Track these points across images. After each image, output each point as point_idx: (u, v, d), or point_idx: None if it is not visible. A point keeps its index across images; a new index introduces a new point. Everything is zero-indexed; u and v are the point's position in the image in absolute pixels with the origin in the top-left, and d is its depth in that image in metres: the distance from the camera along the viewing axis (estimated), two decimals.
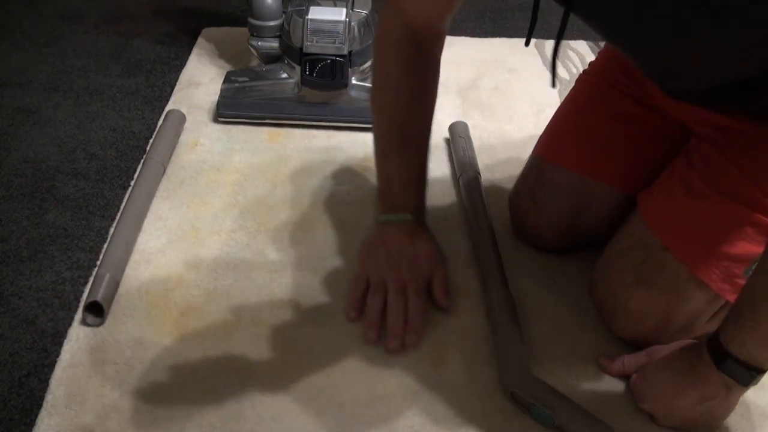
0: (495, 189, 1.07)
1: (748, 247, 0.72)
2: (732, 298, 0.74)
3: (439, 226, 0.97)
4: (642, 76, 0.84)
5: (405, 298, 0.83)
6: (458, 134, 1.15)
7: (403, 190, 0.87)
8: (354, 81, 1.19)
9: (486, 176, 1.08)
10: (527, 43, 0.80)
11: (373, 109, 0.90)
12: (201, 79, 1.32)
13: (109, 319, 0.85)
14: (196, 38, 1.46)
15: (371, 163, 1.12)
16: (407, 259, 0.85)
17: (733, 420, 0.76)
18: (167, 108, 1.23)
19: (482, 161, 1.12)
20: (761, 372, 0.67)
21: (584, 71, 0.97)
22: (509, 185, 1.05)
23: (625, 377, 0.80)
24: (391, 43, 0.86)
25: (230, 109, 1.19)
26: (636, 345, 0.81)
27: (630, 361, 0.80)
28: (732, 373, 0.68)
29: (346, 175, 1.10)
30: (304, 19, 1.13)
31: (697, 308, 0.77)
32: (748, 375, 0.67)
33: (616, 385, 0.80)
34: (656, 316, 0.78)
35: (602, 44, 1.51)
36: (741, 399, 0.72)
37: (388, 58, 0.87)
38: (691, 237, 0.76)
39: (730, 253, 0.73)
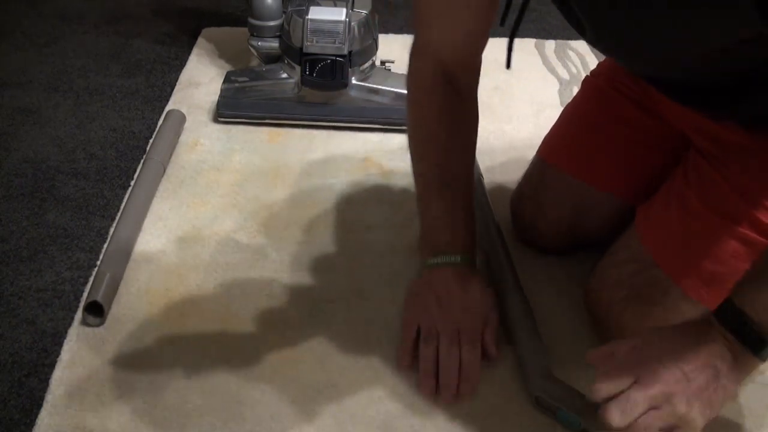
0: (495, 189, 1.07)
1: (741, 266, 0.71)
2: None
3: None
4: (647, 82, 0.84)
5: (458, 347, 0.78)
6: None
7: (449, 231, 0.83)
8: (354, 81, 1.19)
9: (486, 177, 1.08)
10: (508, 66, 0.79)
11: (412, 154, 0.86)
12: (201, 79, 1.32)
13: (109, 319, 0.85)
14: (196, 38, 1.46)
15: (371, 163, 1.13)
16: (459, 305, 0.80)
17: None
18: (167, 108, 1.23)
19: (482, 162, 1.11)
20: None
21: (591, 72, 0.96)
22: (509, 185, 1.05)
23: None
24: (423, 88, 0.83)
25: (230, 109, 1.19)
26: None
27: (620, 346, 0.73)
28: (743, 334, 0.63)
29: (346, 175, 1.10)
30: (304, 19, 1.13)
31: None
32: (758, 340, 0.62)
33: None
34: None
35: None
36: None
37: (421, 104, 0.84)
38: (682, 256, 0.75)
39: (722, 273, 0.72)
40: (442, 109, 0.83)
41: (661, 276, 0.76)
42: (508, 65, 0.77)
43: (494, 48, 0.90)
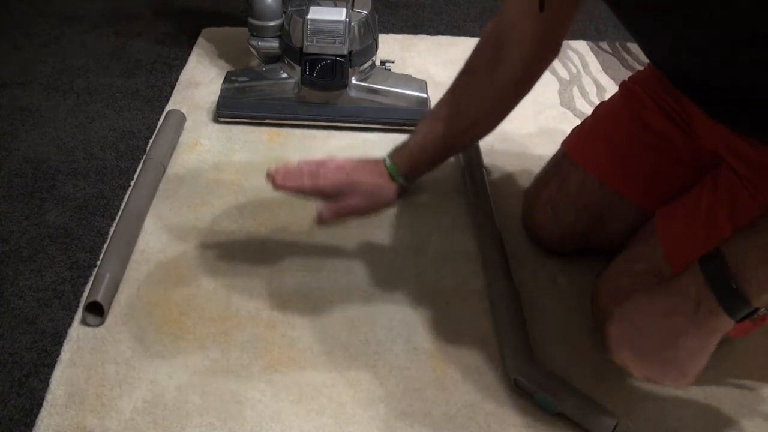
0: (495, 189, 1.07)
1: None
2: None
3: (446, 219, 0.99)
4: (682, 95, 0.82)
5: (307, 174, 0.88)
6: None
7: (408, 146, 0.92)
8: (354, 81, 1.19)
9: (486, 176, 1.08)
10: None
11: None
12: (201, 79, 1.32)
13: (109, 319, 0.85)
14: (196, 38, 1.46)
15: None
16: (347, 171, 0.89)
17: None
18: (167, 108, 1.23)
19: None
20: (741, 296, 0.59)
21: (629, 78, 0.94)
22: (509, 185, 1.06)
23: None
24: (482, 39, 0.87)
25: (230, 109, 1.19)
26: None
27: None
28: (711, 273, 0.61)
29: None
30: (304, 19, 1.13)
31: None
32: (727, 286, 0.60)
33: (615, 384, 0.80)
34: None
35: (603, 45, 1.51)
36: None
37: (475, 49, 0.89)
38: None
39: None
40: (477, 55, 0.87)
41: None
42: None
43: None
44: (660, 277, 0.77)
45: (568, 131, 0.97)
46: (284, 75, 1.21)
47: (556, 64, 1.42)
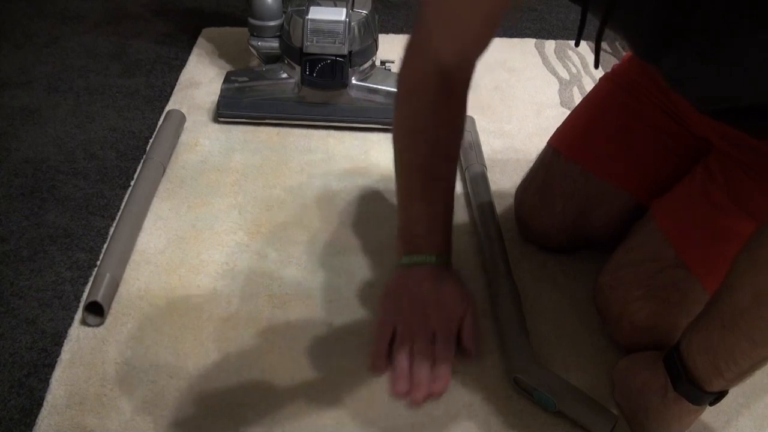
0: (495, 188, 1.07)
1: None
2: None
3: None
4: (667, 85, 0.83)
5: (432, 345, 0.77)
6: (465, 128, 1.15)
7: (425, 231, 0.82)
8: (354, 81, 1.19)
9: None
10: (577, 44, 0.77)
11: (396, 148, 0.83)
12: (201, 79, 1.32)
13: (109, 319, 0.85)
14: (196, 38, 1.46)
15: (370, 163, 1.13)
16: (434, 304, 0.79)
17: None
18: (167, 108, 1.23)
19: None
20: (694, 383, 0.65)
21: (609, 72, 0.94)
22: (509, 185, 1.06)
23: None
24: (417, 84, 0.79)
25: (230, 109, 1.19)
26: (634, 351, 0.81)
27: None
28: (670, 365, 0.68)
29: (345, 174, 1.10)
30: (304, 19, 1.13)
31: None
32: (681, 375, 0.66)
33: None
34: (663, 329, 0.77)
35: (603, 44, 1.51)
36: None
37: (412, 99, 0.81)
38: (709, 253, 0.74)
39: None
40: (435, 105, 0.79)
41: (682, 276, 0.75)
42: (597, 65, 0.75)
43: (494, 48, 0.91)
44: (660, 263, 0.78)
45: None
46: (284, 75, 1.21)
47: (556, 64, 1.42)
